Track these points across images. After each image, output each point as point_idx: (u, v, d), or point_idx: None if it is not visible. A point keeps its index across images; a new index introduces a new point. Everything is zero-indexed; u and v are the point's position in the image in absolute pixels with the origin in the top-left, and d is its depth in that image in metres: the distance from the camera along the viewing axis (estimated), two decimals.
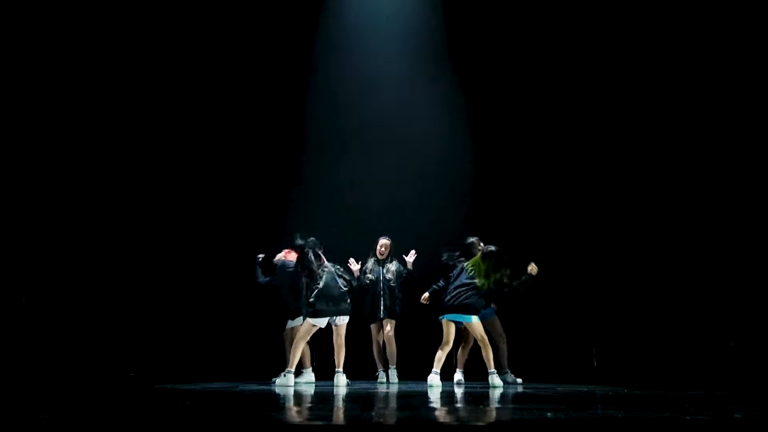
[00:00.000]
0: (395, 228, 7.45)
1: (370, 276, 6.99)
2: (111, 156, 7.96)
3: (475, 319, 5.94)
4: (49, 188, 7.72)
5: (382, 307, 6.87)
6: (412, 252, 6.96)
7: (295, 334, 6.31)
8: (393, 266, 7.03)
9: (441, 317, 6.05)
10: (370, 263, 7.05)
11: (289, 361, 6.12)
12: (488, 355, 6.01)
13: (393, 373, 6.85)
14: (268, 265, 6.81)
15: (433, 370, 5.99)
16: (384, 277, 6.95)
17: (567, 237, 7.85)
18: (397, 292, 6.93)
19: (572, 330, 7.59)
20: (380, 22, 8.49)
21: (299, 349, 6.09)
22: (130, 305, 7.66)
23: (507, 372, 6.67)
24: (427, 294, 6.46)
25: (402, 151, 8.23)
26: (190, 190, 8.09)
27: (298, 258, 6.22)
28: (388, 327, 6.87)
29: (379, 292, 6.91)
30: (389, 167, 8.19)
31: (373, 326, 7.00)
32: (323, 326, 6.13)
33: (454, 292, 5.98)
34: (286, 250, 6.72)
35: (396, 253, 7.13)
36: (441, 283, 6.33)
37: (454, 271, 6.17)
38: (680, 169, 7.63)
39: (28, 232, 7.60)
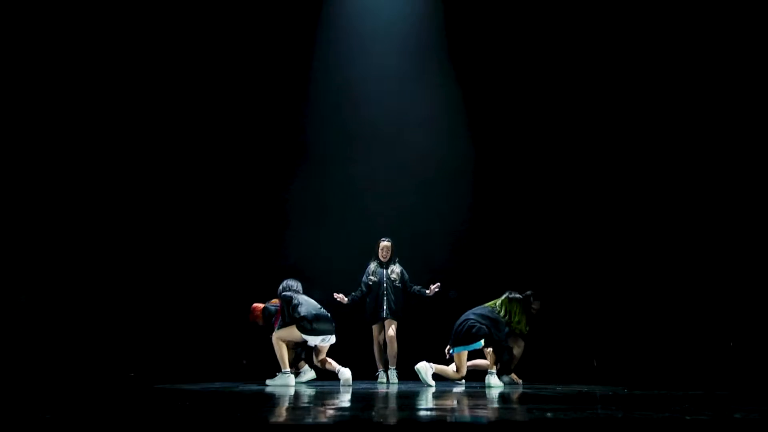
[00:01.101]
0: (395, 228, 7.45)
1: (372, 278, 6.96)
2: (111, 157, 7.95)
3: (483, 342, 6.03)
4: (49, 188, 7.72)
5: (385, 307, 6.85)
6: (438, 284, 6.90)
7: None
8: (397, 267, 7.01)
9: (452, 351, 6.14)
10: (373, 265, 7.02)
11: (281, 363, 6.14)
12: (492, 357, 6.06)
13: (393, 374, 6.84)
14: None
15: (428, 363, 6.04)
16: (389, 278, 6.93)
17: (567, 237, 7.85)
18: (400, 293, 6.92)
19: (572, 330, 7.58)
20: (380, 23, 8.48)
21: (283, 348, 6.13)
22: (129, 305, 7.65)
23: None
24: (449, 346, 6.35)
25: (402, 151, 8.23)
26: (190, 190, 8.09)
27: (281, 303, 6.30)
28: (391, 328, 6.86)
29: (383, 293, 6.88)
30: (389, 168, 8.19)
31: (374, 326, 6.99)
32: (312, 345, 6.22)
33: (461, 324, 6.07)
34: (254, 306, 6.68)
35: (399, 254, 7.12)
36: None
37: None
38: (680, 168, 7.63)
39: (28, 231, 7.59)
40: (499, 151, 8.18)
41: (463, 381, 6.38)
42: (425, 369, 6.00)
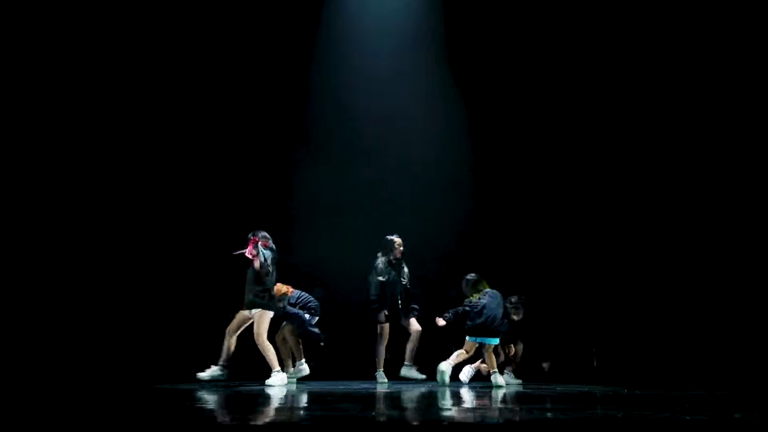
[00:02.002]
0: (395, 228, 7.43)
1: (380, 278, 6.73)
2: (110, 157, 7.94)
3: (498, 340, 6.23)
4: (48, 187, 7.70)
5: (401, 309, 6.74)
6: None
7: (286, 333, 6.48)
8: (405, 267, 6.92)
9: (472, 338, 6.12)
10: (381, 263, 6.79)
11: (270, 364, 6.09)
12: (493, 359, 6.09)
13: (407, 371, 6.67)
14: None
15: (448, 361, 6.07)
16: (401, 279, 6.82)
17: (567, 237, 7.85)
18: (410, 292, 6.85)
19: (572, 330, 7.58)
20: (380, 23, 8.48)
21: (269, 349, 6.05)
22: (129, 305, 7.64)
23: (509, 372, 6.69)
24: (443, 321, 6.27)
25: (402, 151, 8.22)
26: (192, 191, 8.07)
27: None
28: (414, 323, 6.74)
29: (398, 294, 6.71)
30: (389, 168, 8.19)
31: (385, 326, 6.86)
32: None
33: (489, 318, 6.09)
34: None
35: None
36: (453, 312, 6.26)
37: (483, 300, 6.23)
38: (680, 167, 7.63)
39: (28, 231, 7.58)
40: (499, 150, 8.17)
41: (473, 373, 6.40)
42: (445, 366, 6.02)
